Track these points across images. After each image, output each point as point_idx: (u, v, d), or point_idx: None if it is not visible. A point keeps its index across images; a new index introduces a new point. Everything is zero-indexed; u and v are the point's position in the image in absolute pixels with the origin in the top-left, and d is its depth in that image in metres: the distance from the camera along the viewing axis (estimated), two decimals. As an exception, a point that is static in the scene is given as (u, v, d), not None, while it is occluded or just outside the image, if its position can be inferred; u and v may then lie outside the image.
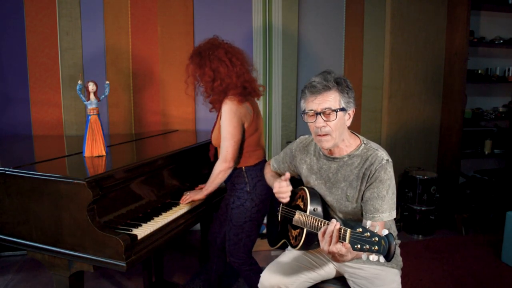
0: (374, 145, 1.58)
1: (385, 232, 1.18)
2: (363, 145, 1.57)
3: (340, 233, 1.32)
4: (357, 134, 1.62)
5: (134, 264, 1.58)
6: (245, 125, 2.03)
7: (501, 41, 3.91)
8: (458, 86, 3.73)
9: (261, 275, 1.72)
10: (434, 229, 3.56)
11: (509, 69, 4.03)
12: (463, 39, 3.62)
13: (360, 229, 1.24)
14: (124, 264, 1.52)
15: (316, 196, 1.64)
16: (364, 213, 1.53)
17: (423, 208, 3.48)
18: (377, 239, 1.19)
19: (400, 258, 1.70)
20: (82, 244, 1.57)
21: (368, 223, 1.25)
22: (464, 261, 3.00)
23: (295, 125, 3.62)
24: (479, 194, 3.81)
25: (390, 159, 1.53)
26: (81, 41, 3.18)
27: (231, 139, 1.98)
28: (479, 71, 3.97)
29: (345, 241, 1.30)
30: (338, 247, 1.31)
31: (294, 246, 1.68)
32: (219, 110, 2.08)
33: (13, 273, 2.81)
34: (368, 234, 1.22)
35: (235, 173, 2.09)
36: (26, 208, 1.67)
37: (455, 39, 3.72)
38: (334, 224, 1.32)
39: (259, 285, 1.72)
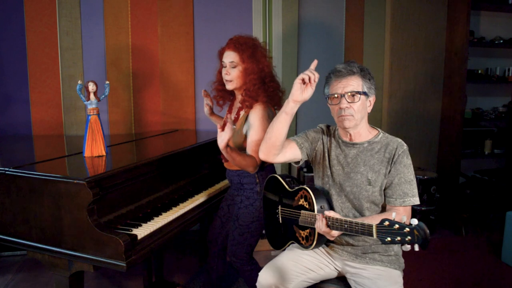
0: (390, 135, 1.69)
1: (414, 221, 1.19)
2: (381, 134, 1.69)
3: (364, 229, 1.35)
4: (374, 126, 1.73)
5: (134, 264, 1.58)
6: None
7: (501, 41, 3.91)
8: (458, 86, 3.73)
9: (259, 274, 1.72)
10: (434, 229, 3.56)
11: (509, 69, 4.02)
12: (463, 39, 3.62)
13: (387, 222, 1.25)
14: (124, 264, 1.52)
15: (320, 193, 1.65)
16: (392, 199, 1.58)
17: (423, 208, 3.48)
18: (408, 229, 1.20)
19: (402, 260, 1.71)
20: (82, 244, 1.57)
21: (393, 215, 1.26)
22: (464, 261, 3.00)
23: (295, 125, 3.62)
24: (479, 194, 3.80)
25: (407, 146, 1.64)
26: (81, 41, 3.19)
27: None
28: (479, 71, 3.97)
29: (371, 236, 1.31)
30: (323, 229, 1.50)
31: (306, 247, 1.67)
32: (238, 113, 2.05)
33: (13, 273, 2.81)
34: (397, 226, 1.22)
35: (246, 173, 2.04)
36: (26, 208, 1.67)
37: (455, 39, 3.72)
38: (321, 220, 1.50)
39: (257, 284, 1.72)
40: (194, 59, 3.37)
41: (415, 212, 3.49)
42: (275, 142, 1.60)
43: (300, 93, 1.50)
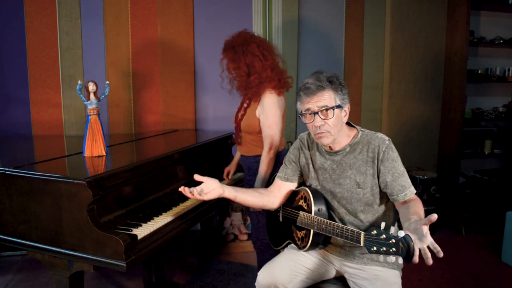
0: (370, 131, 1.66)
1: (401, 233, 1.19)
2: (360, 132, 1.64)
3: (353, 236, 1.36)
4: (353, 125, 1.68)
5: (134, 264, 1.57)
6: (283, 114, 2.18)
7: (501, 41, 3.91)
8: (458, 86, 3.73)
9: (258, 273, 1.71)
10: (434, 229, 3.56)
11: (509, 69, 4.03)
12: (463, 39, 3.62)
13: (375, 232, 1.26)
14: (124, 264, 1.52)
15: (319, 196, 1.65)
16: (395, 197, 1.55)
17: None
18: (394, 241, 1.20)
19: (401, 259, 1.70)
20: (82, 244, 1.57)
21: (382, 225, 1.27)
22: (464, 261, 3.00)
23: (295, 125, 3.62)
24: (479, 194, 3.80)
25: (389, 138, 1.61)
26: (81, 41, 3.18)
27: (276, 128, 2.10)
28: (479, 71, 3.97)
29: (359, 244, 1.33)
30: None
31: (301, 248, 1.68)
32: (250, 100, 2.17)
33: (13, 273, 2.81)
34: (384, 236, 1.23)
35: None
36: (26, 208, 1.67)
37: (455, 39, 3.72)
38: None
39: (256, 283, 1.72)
40: (194, 59, 3.37)
41: (415, 212, 3.49)
42: (261, 207, 1.79)
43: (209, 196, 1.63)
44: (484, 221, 3.70)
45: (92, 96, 1.91)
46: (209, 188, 1.63)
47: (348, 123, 1.66)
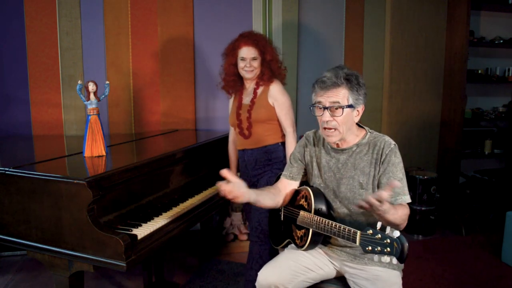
0: (378, 133, 1.66)
1: (396, 233, 1.19)
2: (368, 133, 1.65)
3: (350, 235, 1.37)
4: (362, 125, 1.68)
5: (134, 264, 1.57)
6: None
7: (501, 41, 3.91)
8: (458, 86, 3.73)
9: (259, 273, 1.71)
10: (434, 229, 3.56)
11: (509, 69, 4.02)
12: (463, 39, 3.62)
13: (371, 231, 1.26)
14: (124, 264, 1.52)
15: (320, 195, 1.66)
16: None
17: (423, 208, 3.48)
18: (389, 241, 1.20)
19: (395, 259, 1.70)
20: (82, 244, 1.57)
21: (378, 225, 1.27)
22: (464, 261, 3.00)
23: (296, 123, 3.61)
24: (479, 194, 3.80)
25: (396, 144, 1.60)
26: (81, 41, 3.18)
27: (292, 111, 2.30)
28: (479, 71, 3.97)
29: (355, 243, 1.33)
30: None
31: (300, 247, 1.68)
32: (255, 93, 2.27)
33: (13, 273, 2.81)
34: (379, 236, 1.23)
35: (272, 149, 2.24)
36: (26, 208, 1.67)
37: (455, 39, 3.72)
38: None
39: (256, 284, 1.72)
40: (194, 59, 3.37)
41: (415, 212, 3.49)
42: (273, 207, 1.78)
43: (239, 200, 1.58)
44: (484, 221, 3.70)
45: (92, 96, 1.91)
46: (239, 192, 1.56)
47: (357, 124, 1.66)
